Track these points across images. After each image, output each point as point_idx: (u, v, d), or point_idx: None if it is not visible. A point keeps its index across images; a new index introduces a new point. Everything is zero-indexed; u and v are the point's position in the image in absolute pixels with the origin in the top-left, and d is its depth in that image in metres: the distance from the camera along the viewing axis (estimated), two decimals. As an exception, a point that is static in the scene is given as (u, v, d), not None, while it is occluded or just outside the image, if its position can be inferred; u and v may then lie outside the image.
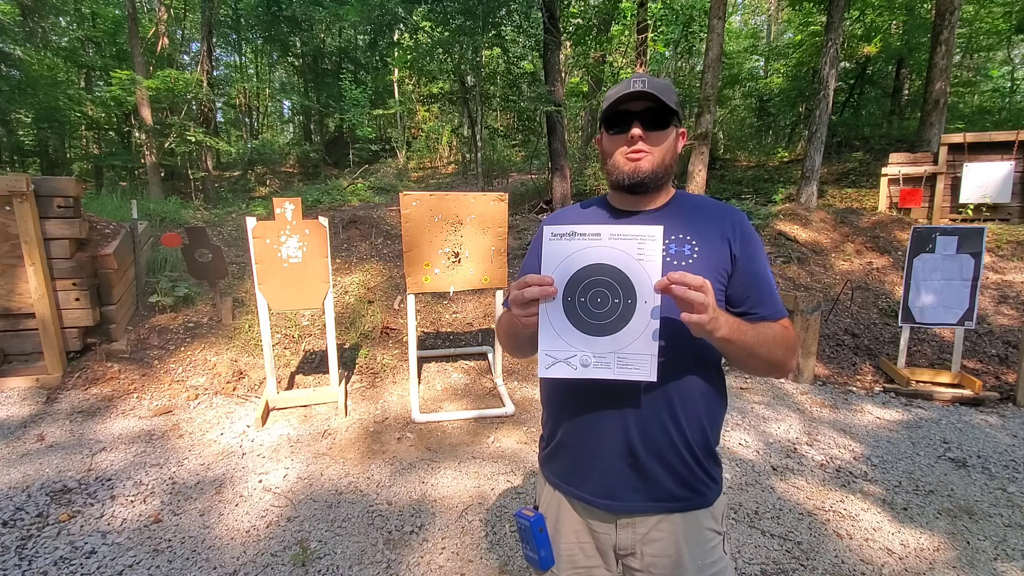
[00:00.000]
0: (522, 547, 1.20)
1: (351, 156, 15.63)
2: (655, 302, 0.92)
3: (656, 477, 1.08)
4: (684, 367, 1.06)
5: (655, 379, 0.95)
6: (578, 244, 0.94)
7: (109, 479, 2.79)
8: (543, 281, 0.95)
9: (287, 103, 23.33)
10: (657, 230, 0.93)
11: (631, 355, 0.94)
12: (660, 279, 0.91)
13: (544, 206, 9.17)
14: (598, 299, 0.94)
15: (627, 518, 1.11)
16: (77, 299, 3.85)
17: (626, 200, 1.15)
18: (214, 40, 14.44)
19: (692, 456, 1.08)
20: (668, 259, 1.07)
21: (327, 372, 3.86)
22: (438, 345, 4.71)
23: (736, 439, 3.32)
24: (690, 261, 1.06)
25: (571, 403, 1.14)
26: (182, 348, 4.23)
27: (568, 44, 11.03)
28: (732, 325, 0.97)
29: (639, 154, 1.08)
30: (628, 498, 1.10)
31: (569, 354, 0.96)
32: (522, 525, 1.16)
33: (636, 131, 1.07)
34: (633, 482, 1.09)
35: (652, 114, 1.07)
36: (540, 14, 8.42)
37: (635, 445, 1.07)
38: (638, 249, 0.92)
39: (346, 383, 3.95)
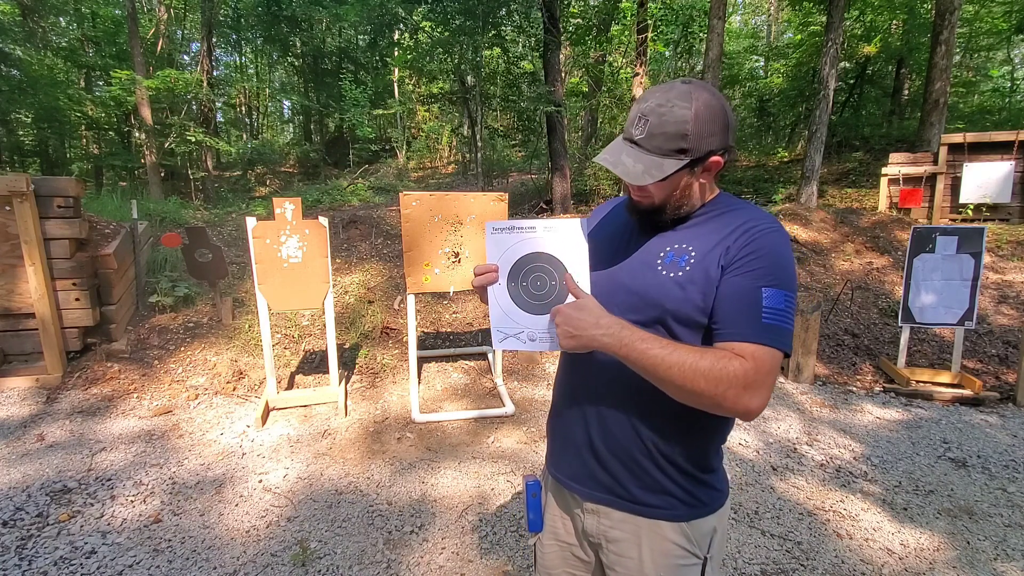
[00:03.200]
0: (524, 506, 1.31)
1: (351, 156, 15.63)
2: (586, 281, 1.05)
3: (617, 475, 1.08)
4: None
5: None
6: (516, 236, 1.07)
7: (109, 479, 2.79)
8: (487, 269, 1.08)
9: (287, 103, 23.36)
10: (576, 223, 1.05)
11: None
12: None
13: (544, 206, 9.16)
14: (538, 282, 1.07)
15: (592, 505, 1.12)
16: (77, 299, 3.85)
17: None
18: (214, 40, 14.44)
19: (656, 467, 1.04)
20: (660, 268, 1.04)
21: (327, 372, 3.86)
22: (438, 345, 4.71)
23: (736, 439, 3.32)
24: (679, 273, 1.00)
25: (558, 387, 1.23)
26: (182, 348, 4.23)
27: (567, 44, 11.03)
28: (614, 338, 0.93)
29: (637, 197, 1.05)
30: (591, 486, 1.12)
31: (517, 330, 1.08)
32: (523, 487, 1.28)
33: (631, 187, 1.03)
34: (596, 474, 1.11)
35: None
36: (540, 14, 8.42)
37: (596, 441, 1.10)
38: (565, 239, 1.06)
39: (346, 383, 3.95)
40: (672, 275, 1.01)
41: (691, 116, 0.93)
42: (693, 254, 1.01)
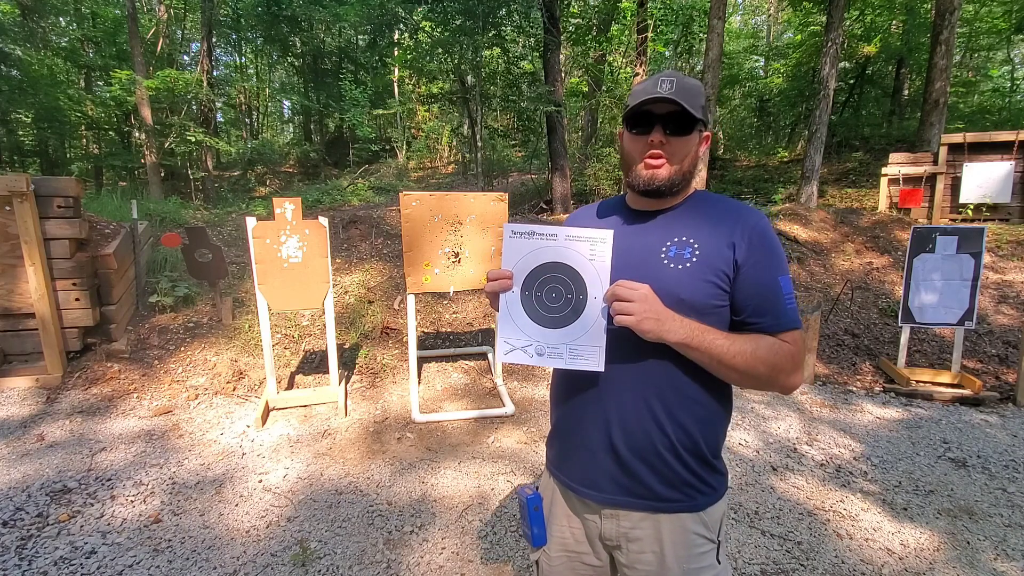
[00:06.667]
0: (520, 522, 1.24)
1: (351, 156, 15.65)
2: (604, 299, 1.00)
3: (638, 474, 1.08)
4: (667, 371, 1.05)
5: (603, 369, 1.02)
6: (536, 243, 1.02)
7: (109, 479, 2.79)
8: (501, 275, 1.04)
9: (287, 103, 23.36)
10: (607, 234, 1.01)
11: (581, 347, 1.01)
12: (608, 289, 0.99)
13: (544, 206, 9.16)
14: (553, 294, 1.02)
15: (611, 509, 1.12)
16: (77, 299, 3.85)
17: (642, 201, 1.14)
18: (214, 40, 14.45)
19: (678, 459, 1.06)
20: (666, 261, 1.06)
21: (327, 372, 3.86)
22: (438, 345, 4.71)
23: (736, 439, 3.32)
24: (687, 264, 1.05)
25: (565, 392, 1.19)
26: (182, 348, 4.23)
27: (567, 44, 11.03)
28: (689, 331, 0.98)
29: (657, 161, 1.06)
30: (610, 490, 1.11)
31: (525, 343, 1.04)
32: (521, 501, 1.22)
33: (656, 137, 1.05)
34: (616, 476, 1.10)
35: (675, 119, 1.05)
36: (540, 14, 8.41)
37: (616, 442, 1.08)
38: (590, 250, 1.00)
39: (346, 383, 3.95)
40: (680, 267, 1.05)
41: (700, 86, 1.06)
42: (696, 246, 1.06)
